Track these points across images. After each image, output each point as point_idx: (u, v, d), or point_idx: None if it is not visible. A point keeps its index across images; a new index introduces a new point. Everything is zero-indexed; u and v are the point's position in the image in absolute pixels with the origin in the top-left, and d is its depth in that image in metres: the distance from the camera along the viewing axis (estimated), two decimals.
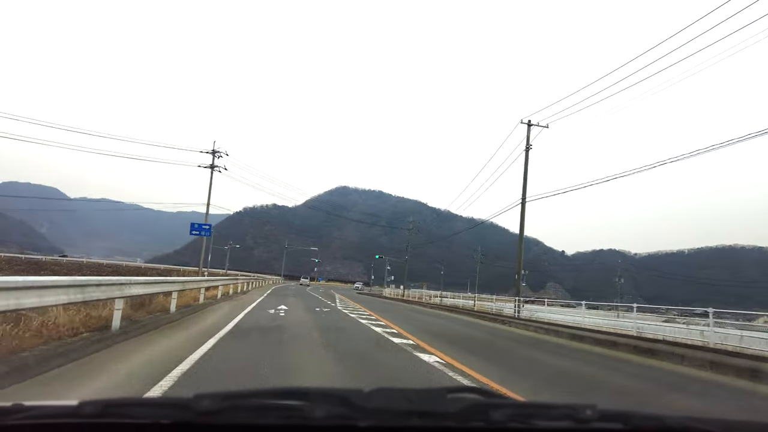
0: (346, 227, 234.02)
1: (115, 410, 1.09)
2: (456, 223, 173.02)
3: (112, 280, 7.88)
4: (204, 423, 1.06)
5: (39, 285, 5.41)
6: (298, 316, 13.68)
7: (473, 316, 22.82)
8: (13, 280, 5.19)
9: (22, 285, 5.08)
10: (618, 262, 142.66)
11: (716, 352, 9.95)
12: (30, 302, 5.20)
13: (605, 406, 1.19)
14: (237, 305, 15.97)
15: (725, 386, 7.44)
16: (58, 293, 5.83)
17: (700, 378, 8.13)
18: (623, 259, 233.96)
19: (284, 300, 21.35)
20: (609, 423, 1.18)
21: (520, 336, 14.31)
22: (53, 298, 5.71)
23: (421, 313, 21.74)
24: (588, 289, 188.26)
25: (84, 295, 6.51)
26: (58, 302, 5.93)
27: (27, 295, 5.11)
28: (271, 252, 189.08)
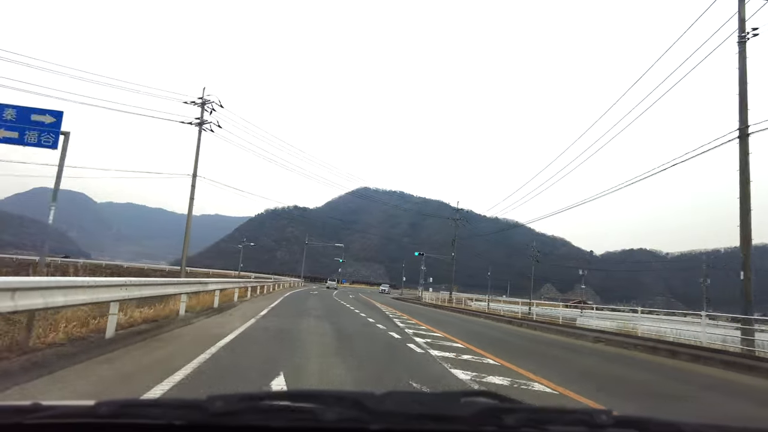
0: (368, 229, 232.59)
1: (129, 411, 1.11)
2: (479, 224, 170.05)
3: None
4: (217, 424, 1.07)
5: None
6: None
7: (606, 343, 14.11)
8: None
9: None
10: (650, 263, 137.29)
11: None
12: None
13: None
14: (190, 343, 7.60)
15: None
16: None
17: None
18: (654, 258, 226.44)
19: (293, 342, 8.70)
20: (624, 429, 1.16)
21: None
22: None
23: (540, 342, 13.59)
24: (618, 290, 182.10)
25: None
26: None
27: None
28: (293, 254, 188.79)
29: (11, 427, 1.05)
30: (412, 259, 75.93)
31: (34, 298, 4.76)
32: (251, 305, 16.97)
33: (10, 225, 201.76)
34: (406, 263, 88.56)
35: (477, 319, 23.24)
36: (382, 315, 17.59)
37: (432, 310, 29.48)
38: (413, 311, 25.34)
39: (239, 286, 20.83)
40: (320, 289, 51.39)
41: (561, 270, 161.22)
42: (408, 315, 19.69)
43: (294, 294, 34.14)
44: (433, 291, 60.04)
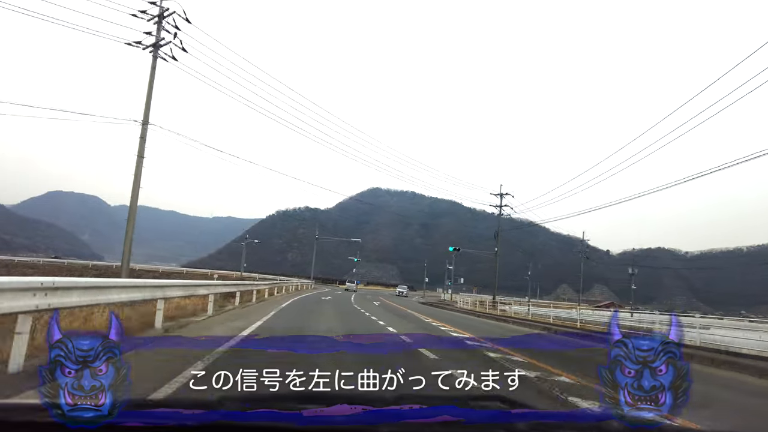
0: (379, 229, 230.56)
1: (139, 410, 1.16)
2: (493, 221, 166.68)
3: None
4: (228, 424, 1.09)
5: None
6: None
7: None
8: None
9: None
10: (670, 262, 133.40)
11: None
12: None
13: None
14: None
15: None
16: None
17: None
18: (674, 258, 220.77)
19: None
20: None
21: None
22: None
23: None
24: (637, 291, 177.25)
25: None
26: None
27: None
28: (305, 255, 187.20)
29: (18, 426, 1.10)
30: (428, 259, 73.28)
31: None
32: (227, 323, 11.53)
33: (24, 228, 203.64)
34: (419, 263, 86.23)
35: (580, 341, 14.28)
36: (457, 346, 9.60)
37: (489, 323, 21.91)
38: (469, 325, 18.09)
39: (217, 292, 14.69)
40: (333, 293, 43.48)
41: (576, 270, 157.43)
42: (472, 332, 13.79)
43: (299, 301, 25.15)
44: (452, 292, 57.42)
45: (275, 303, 22.19)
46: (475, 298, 47.23)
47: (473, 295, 49.61)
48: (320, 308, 20.95)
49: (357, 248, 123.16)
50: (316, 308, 20.86)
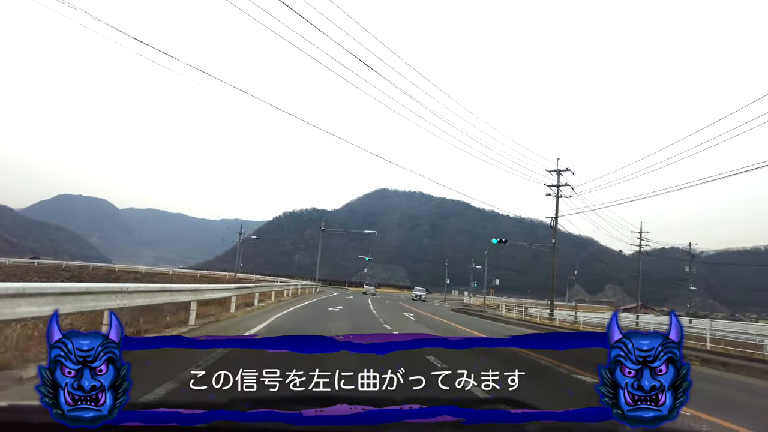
0: (387, 230, 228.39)
1: (139, 410, 1.18)
2: (502, 222, 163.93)
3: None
4: (227, 424, 1.12)
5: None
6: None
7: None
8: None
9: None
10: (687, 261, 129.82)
11: None
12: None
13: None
14: None
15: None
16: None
17: None
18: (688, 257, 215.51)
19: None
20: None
21: None
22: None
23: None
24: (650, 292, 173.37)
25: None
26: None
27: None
28: (312, 257, 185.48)
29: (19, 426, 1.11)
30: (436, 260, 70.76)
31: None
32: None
33: (33, 231, 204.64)
34: (427, 264, 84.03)
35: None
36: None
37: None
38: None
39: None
40: (343, 298, 34.54)
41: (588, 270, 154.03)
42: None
43: (296, 313, 16.90)
44: (468, 295, 54.91)
45: (272, 311, 16.29)
46: (502, 300, 42.64)
47: (518, 301, 44.89)
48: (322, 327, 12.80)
49: (368, 246, 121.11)
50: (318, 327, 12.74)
